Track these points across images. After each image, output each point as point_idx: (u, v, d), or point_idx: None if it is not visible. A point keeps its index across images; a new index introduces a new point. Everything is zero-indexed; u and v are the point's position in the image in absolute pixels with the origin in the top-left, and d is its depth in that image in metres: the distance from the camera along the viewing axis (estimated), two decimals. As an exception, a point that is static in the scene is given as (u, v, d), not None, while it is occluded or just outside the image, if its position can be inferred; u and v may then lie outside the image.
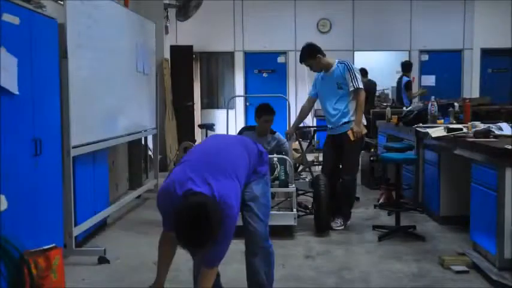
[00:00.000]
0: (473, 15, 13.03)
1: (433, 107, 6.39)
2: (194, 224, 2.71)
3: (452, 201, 5.61)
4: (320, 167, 6.74)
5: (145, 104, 7.07)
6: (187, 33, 12.43)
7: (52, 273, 3.33)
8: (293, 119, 6.54)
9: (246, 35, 13.11)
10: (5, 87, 3.49)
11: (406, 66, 10.72)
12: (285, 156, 5.79)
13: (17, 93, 3.62)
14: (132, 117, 6.42)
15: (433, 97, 6.84)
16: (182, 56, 11.22)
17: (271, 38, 13.01)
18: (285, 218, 5.32)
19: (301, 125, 12.57)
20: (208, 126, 11.52)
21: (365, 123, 5.76)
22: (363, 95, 5.52)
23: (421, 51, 13.30)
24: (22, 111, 3.77)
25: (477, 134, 4.86)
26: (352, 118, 5.52)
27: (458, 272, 4.25)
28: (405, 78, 10.47)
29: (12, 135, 3.61)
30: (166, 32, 10.33)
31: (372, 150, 8.13)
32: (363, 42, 13.09)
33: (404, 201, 6.17)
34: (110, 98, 5.59)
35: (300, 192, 5.93)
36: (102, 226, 5.65)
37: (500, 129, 5.14)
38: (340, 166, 5.70)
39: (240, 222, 5.20)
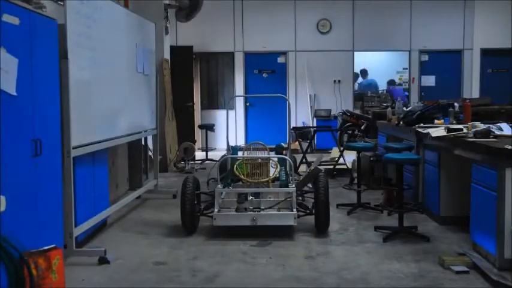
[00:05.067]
0: (473, 15, 13.04)
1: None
2: None
3: (452, 201, 5.61)
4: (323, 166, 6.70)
5: (145, 104, 7.07)
6: (187, 33, 12.45)
7: (52, 273, 3.33)
8: (293, 119, 6.53)
9: (246, 35, 13.11)
10: (3, 89, 3.49)
11: None
12: (285, 156, 5.79)
13: (15, 94, 3.62)
14: (132, 118, 6.42)
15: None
16: (182, 56, 11.23)
17: (271, 38, 13.02)
18: (285, 218, 5.32)
19: (301, 125, 12.71)
20: (208, 127, 11.55)
21: None
22: None
23: (421, 51, 13.30)
24: (22, 111, 3.77)
25: (477, 134, 4.86)
26: None
27: (458, 272, 4.26)
28: None
29: (12, 135, 3.61)
30: (166, 33, 10.33)
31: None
32: (363, 42, 13.09)
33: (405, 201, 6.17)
34: (109, 98, 5.59)
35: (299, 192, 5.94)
36: (102, 226, 5.65)
37: (500, 129, 5.15)
38: None
39: (242, 222, 5.26)
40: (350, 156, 8.60)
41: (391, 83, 13.60)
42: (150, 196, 7.39)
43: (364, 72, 13.93)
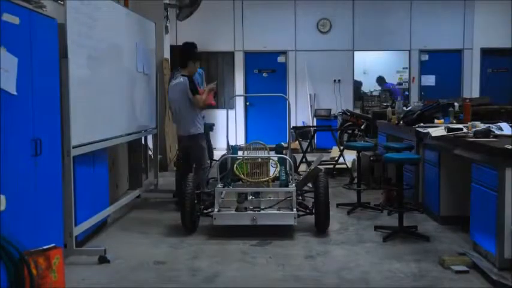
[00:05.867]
0: (473, 15, 13.03)
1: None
2: None
3: (452, 201, 5.61)
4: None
5: (145, 104, 7.07)
6: (187, 33, 12.43)
7: (52, 273, 3.33)
8: (293, 118, 6.54)
9: (246, 34, 13.11)
10: (4, 89, 3.49)
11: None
12: (285, 156, 5.79)
13: (15, 93, 3.63)
14: (132, 117, 6.42)
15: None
16: (182, 56, 11.19)
17: (271, 38, 13.01)
18: (285, 217, 5.32)
19: (301, 124, 12.71)
20: (208, 126, 11.53)
21: None
22: None
23: (421, 51, 13.30)
24: (22, 111, 3.77)
25: (477, 134, 4.86)
26: None
27: (458, 272, 4.26)
28: None
29: (12, 135, 3.61)
30: (166, 32, 10.33)
31: None
32: (363, 42, 13.09)
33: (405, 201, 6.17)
34: (109, 98, 5.59)
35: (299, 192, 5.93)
36: (102, 226, 5.65)
37: (500, 129, 5.15)
38: None
39: (242, 222, 5.26)
40: (350, 156, 8.60)
41: (380, 80, 13.58)
42: (150, 195, 7.39)
43: (381, 80, 13.82)
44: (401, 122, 6.90)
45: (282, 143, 6.82)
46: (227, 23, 13.04)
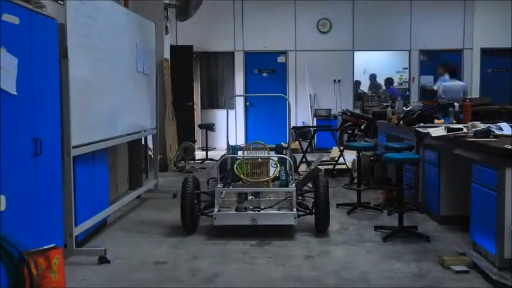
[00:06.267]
0: (473, 15, 13.04)
1: None
2: None
3: (452, 201, 5.61)
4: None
5: (145, 104, 7.07)
6: (187, 33, 12.44)
7: (52, 273, 3.33)
8: (293, 118, 6.52)
9: (246, 34, 13.11)
10: (4, 89, 3.49)
11: None
12: (285, 156, 5.79)
13: (15, 93, 3.63)
14: (132, 117, 6.42)
15: None
16: (182, 56, 11.22)
17: (271, 38, 13.02)
18: (285, 217, 5.32)
19: (301, 124, 12.72)
20: (208, 126, 11.55)
21: None
22: None
23: (421, 51, 13.30)
24: (22, 111, 3.77)
25: (477, 134, 4.86)
26: None
27: (458, 272, 4.26)
28: None
29: (13, 134, 3.61)
30: (166, 32, 10.33)
31: None
32: (363, 42, 13.09)
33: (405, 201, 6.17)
34: (110, 98, 5.59)
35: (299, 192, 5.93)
36: (102, 226, 5.65)
37: (500, 129, 5.15)
38: None
39: (242, 222, 5.27)
40: (350, 156, 8.60)
41: (389, 82, 13.60)
42: (150, 196, 7.39)
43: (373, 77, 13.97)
44: (401, 122, 6.90)
45: (282, 143, 6.82)
46: (227, 23, 13.04)
